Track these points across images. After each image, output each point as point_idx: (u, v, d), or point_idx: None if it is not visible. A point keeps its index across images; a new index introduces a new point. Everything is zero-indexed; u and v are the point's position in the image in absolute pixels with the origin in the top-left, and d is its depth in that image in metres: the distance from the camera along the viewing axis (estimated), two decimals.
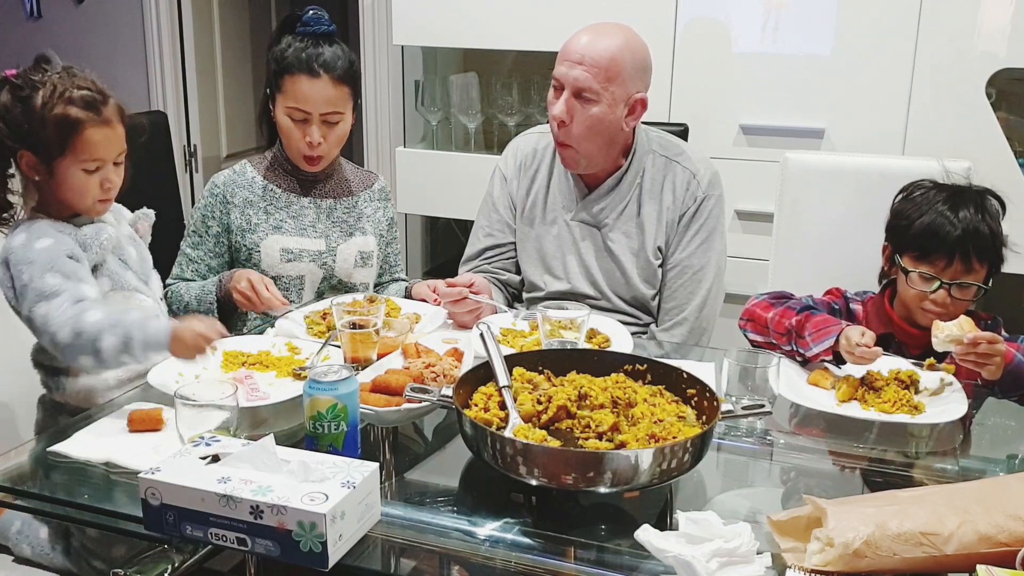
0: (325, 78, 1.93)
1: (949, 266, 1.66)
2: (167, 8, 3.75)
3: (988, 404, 1.61)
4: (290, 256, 2.02)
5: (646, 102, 1.93)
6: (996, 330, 1.75)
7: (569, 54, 1.87)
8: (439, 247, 3.78)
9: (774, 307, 1.75)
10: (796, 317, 1.68)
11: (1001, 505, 1.08)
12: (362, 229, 2.10)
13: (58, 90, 1.53)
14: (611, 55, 1.84)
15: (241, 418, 1.38)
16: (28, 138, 1.52)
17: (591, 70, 1.84)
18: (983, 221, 1.67)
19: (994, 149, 2.53)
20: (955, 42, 2.52)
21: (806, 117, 2.69)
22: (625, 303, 2.02)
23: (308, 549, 1.03)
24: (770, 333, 1.72)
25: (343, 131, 2.00)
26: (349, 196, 2.11)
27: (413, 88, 3.28)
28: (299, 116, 1.95)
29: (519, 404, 1.28)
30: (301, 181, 2.07)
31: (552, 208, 2.05)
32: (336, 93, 1.95)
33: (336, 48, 1.97)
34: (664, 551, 1.03)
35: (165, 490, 1.08)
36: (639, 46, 1.90)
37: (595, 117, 1.87)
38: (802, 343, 1.65)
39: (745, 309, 1.81)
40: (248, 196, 2.03)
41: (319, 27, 1.97)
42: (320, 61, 1.93)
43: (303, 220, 2.05)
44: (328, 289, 2.07)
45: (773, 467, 1.45)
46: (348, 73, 1.97)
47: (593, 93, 1.85)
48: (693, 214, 1.98)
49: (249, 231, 2.02)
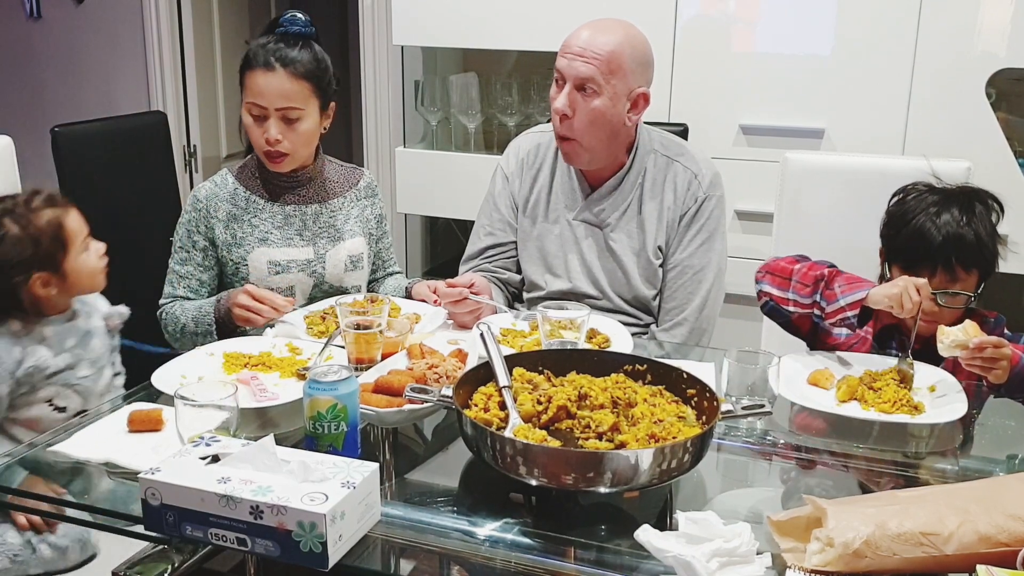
0: (281, 72, 1.90)
1: (933, 276, 1.66)
2: (167, 8, 3.75)
3: (988, 404, 1.61)
4: (278, 268, 1.99)
5: (648, 97, 1.93)
6: (999, 328, 1.75)
7: (570, 47, 1.87)
8: (439, 247, 3.78)
9: (800, 262, 1.75)
10: (827, 269, 1.69)
11: (1001, 505, 1.08)
12: (350, 231, 2.08)
13: (19, 209, 1.65)
14: (612, 48, 1.84)
15: (248, 419, 1.38)
16: (33, 260, 1.63)
17: (593, 62, 1.84)
18: (968, 226, 1.66)
19: (994, 149, 2.53)
20: (955, 42, 2.52)
21: (806, 117, 2.69)
22: (626, 303, 2.02)
23: (308, 549, 1.03)
24: (791, 285, 1.71)
25: (306, 130, 1.95)
26: (334, 198, 2.08)
27: (413, 88, 3.28)
28: (257, 111, 1.93)
29: (519, 404, 1.28)
30: (283, 188, 2.03)
31: (555, 207, 2.04)
32: (293, 87, 1.91)
33: (306, 49, 1.94)
34: (664, 551, 1.03)
35: (165, 490, 1.08)
36: (640, 41, 1.91)
37: (598, 110, 1.87)
38: (829, 294, 1.64)
39: (766, 264, 1.80)
40: (231, 210, 2.00)
41: (292, 27, 1.96)
42: (278, 55, 1.91)
43: (289, 229, 2.02)
44: (320, 295, 2.04)
45: (773, 467, 1.45)
46: (311, 71, 1.93)
47: (595, 85, 1.85)
48: (694, 214, 1.98)
49: (235, 245, 1.99)
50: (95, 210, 2.24)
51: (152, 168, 2.51)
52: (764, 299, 1.79)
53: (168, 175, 2.66)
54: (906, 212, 1.73)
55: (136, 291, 2.14)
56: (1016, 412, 1.60)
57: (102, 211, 2.26)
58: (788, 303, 1.73)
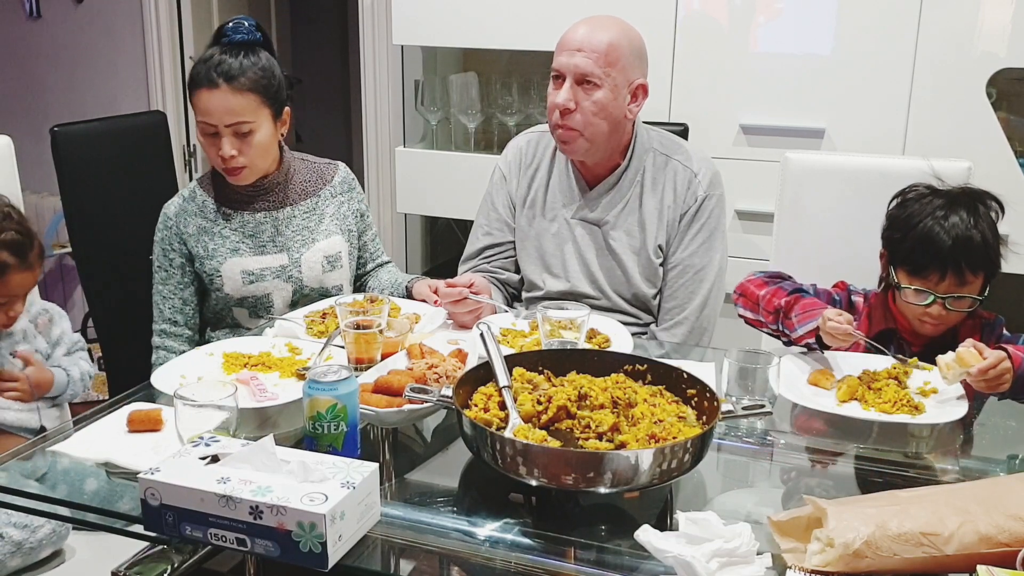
0: (224, 88, 1.85)
1: (942, 280, 1.65)
2: (167, 8, 3.75)
3: (989, 404, 1.61)
4: (252, 277, 1.97)
5: (647, 88, 1.95)
6: (998, 329, 1.75)
7: (568, 43, 1.90)
8: (439, 247, 3.78)
9: (767, 285, 1.78)
10: (786, 298, 1.70)
11: (1001, 505, 1.08)
12: (325, 231, 2.04)
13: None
14: (609, 40, 1.87)
15: (247, 419, 1.38)
16: None
17: (591, 55, 1.86)
18: (975, 228, 1.65)
19: (994, 149, 2.53)
20: (955, 42, 2.52)
21: (806, 117, 2.69)
22: (625, 302, 2.01)
23: (308, 549, 1.03)
24: (759, 311, 1.75)
25: (261, 141, 1.91)
26: (306, 199, 2.04)
27: (413, 88, 3.28)
28: (208, 130, 1.89)
29: (519, 404, 1.28)
30: (250, 197, 2.00)
31: (552, 206, 2.04)
32: (239, 102, 1.86)
33: (250, 57, 1.89)
34: (664, 551, 1.03)
35: (165, 490, 1.08)
36: (635, 34, 1.94)
37: (600, 103, 1.88)
38: (788, 324, 1.67)
39: (740, 283, 1.84)
40: (201, 223, 1.98)
41: (236, 35, 1.92)
42: (220, 70, 1.86)
43: (260, 237, 1.99)
44: (302, 298, 2.01)
45: (773, 467, 1.45)
46: (256, 81, 1.88)
47: (596, 78, 1.87)
48: (695, 213, 1.98)
49: (207, 258, 1.97)
50: (95, 210, 2.25)
51: (152, 168, 2.50)
52: (741, 318, 1.83)
53: (168, 175, 2.65)
54: (911, 216, 1.71)
55: (136, 291, 2.14)
56: (1016, 412, 1.60)
57: (102, 211, 2.27)
58: (761, 325, 1.77)
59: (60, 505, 1.23)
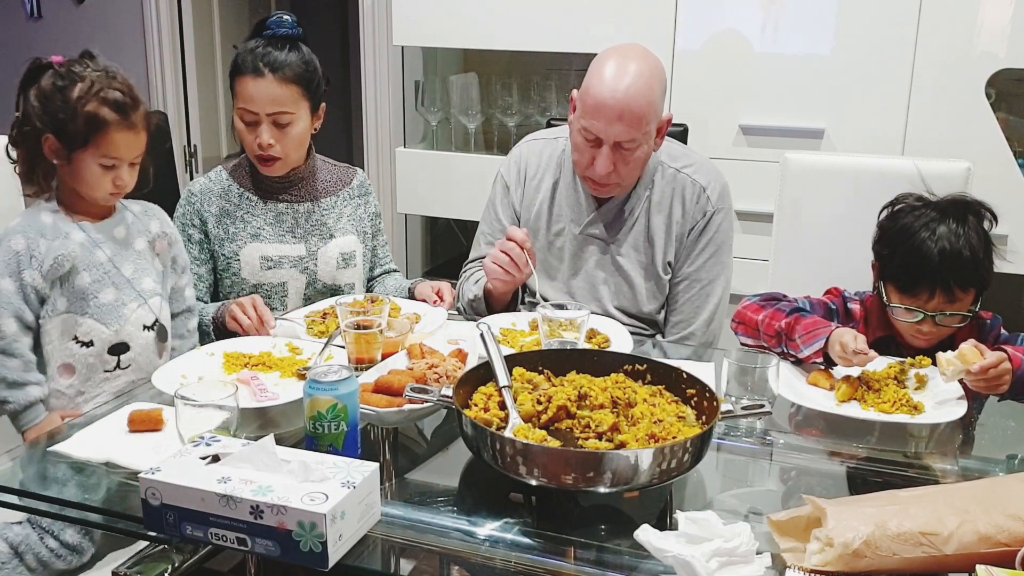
0: (270, 77, 1.90)
1: (931, 299, 1.64)
2: (167, 8, 3.75)
3: (988, 404, 1.61)
4: (270, 264, 2.00)
5: (671, 118, 1.90)
6: (996, 328, 1.75)
7: (603, 110, 1.76)
8: (439, 247, 3.78)
9: (764, 309, 1.74)
10: (786, 319, 1.67)
11: (1001, 505, 1.08)
12: (342, 229, 2.08)
13: (94, 88, 1.61)
14: (647, 101, 1.77)
15: (248, 419, 1.38)
16: (57, 124, 1.60)
17: (632, 123, 1.77)
18: (964, 244, 1.63)
19: (994, 149, 2.53)
20: (955, 42, 2.52)
21: (806, 117, 2.69)
22: (629, 317, 1.99)
23: (308, 549, 1.03)
24: (760, 336, 1.72)
25: (298, 133, 1.95)
26: (327, 196, 2.09)
27: (413, 88, 3.29)
28: (249, 118, 1.93)
29: (519, 404, 1.28)
30: (276, 187, 2.04)
31: (557, 220, 2.01)
32: (283, 92, 1.91)
33: (293, 52, 1.94)
34: (664, 551, 1.03)
35: (165, 490, 1.08)
36: (660, 68, 1.84)
37: (639, 159, 1.84)
38: (792, 345, 1.64)
39: (736, 312, 1.80)
40: (224, 206, 2.01)
41: (279, 30, 1.95)
42: (267, 60, 1.90)
43: (281, 226, 2.03)
44: (315, 293, 2.04)
45: (773, 467, 1.45)
46: (299, 74, 1.93)
47: (635, 142, 1.80)
48: (703, 228, 1.95)
49: (227, 240, 2.00)
50: None
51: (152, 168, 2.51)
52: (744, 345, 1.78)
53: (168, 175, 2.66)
54: (900, 231, 1.70)
55: None
56: (1016, 412, 1.60)
57: None
58: (766, 350, 1.71)
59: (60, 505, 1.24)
